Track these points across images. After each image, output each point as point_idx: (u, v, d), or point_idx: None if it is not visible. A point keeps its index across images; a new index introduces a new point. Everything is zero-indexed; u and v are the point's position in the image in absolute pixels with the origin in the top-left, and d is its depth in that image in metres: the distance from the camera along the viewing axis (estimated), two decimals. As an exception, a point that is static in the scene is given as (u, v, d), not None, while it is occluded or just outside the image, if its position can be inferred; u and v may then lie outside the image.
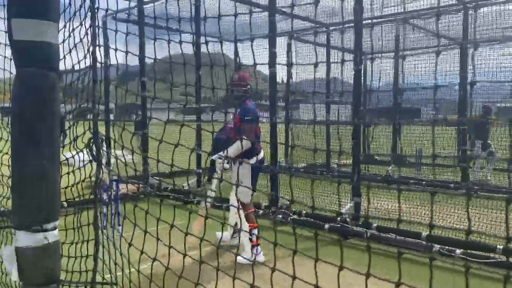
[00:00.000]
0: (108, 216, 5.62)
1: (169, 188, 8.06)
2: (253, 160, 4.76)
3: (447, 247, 4.62)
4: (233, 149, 4.64)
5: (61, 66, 1.38)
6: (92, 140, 1.81)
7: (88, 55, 1.58)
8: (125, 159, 2.01)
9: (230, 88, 4.78)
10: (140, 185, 7.93)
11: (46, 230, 1.34)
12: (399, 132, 10.96)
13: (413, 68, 10.60)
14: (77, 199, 2.08)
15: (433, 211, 6.20)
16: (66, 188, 1.87)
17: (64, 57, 1.65)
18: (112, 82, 8.88)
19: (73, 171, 1.81)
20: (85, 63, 1.64)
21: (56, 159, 1.39)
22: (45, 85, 1.34)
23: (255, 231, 4.68)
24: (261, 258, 4.64)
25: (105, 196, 5.56)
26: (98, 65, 1.57)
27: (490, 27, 9.50)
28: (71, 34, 1.69)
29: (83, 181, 1.78)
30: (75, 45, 1.66)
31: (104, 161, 1.74)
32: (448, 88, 11.18)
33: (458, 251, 4.49)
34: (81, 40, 1.61)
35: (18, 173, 1.35)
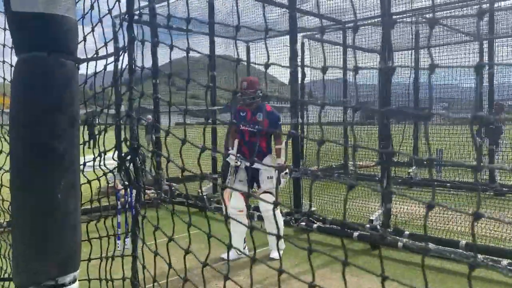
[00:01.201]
0: (122, 225, 5.33)
1: (183, 195, 7.74)
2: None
3: (490, 257, 4.25)
4: (284, 156, 4.84)
5: (80, 51, 1.02)
6: (129, 157, 1.31)
7: (121, 31, 1.17)
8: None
9: (240, 96, 4.84)
10: (154, 191, 7.63)
11: (62, 286, 0.93)
12: (418, 132, 10.58)
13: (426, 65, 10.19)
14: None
15: (466, 216, 5.83)
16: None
17: (84, 38, 1.26)
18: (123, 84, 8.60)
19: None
20: (114, 45, 1.24)
21: (77, 183, 1.01)
22: (59, 77, 0.94)
23: None
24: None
25: (119, 204, 5.28)
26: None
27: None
28: (94, 5, 1.21)
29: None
30: (100, 20, 1.21)
31: (146, 188, 1.34)
32: (460, 87, 10.81)
33: (504, 262, 4.11)
34: (109, 11, 1.17)
35: (20, 206, 0.94)
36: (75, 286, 1.01)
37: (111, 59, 1.20)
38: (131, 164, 1.27)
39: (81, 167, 1.14)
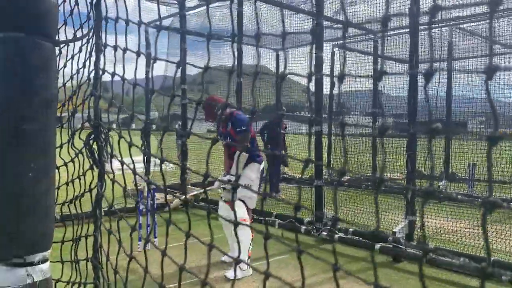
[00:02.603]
0: (144, 227, 5.39)
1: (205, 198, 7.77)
2: (262, 164, 4.70)
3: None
4: (237, 168, 4.50)
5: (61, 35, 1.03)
6: (92, 136, 1.30)
7: (91, 12, 1.19)
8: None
9: (207, 119, 4.77)
10: (178, 195, 7.71)
11: (30, 264, 0.95)
12: (449, 146, 10.28)
13: (463, 78, 9.96)
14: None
15: (495, 232, 5.60)
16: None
17: (65, 22, 1.30)
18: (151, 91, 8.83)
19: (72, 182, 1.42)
20: (88, 25, 1.26)
21: (50, 167, 1.02)
22: (35, 58, 0.95)
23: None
24: (250, 271, 4.43)
25: (141, 206, 5.35)
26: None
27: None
28: (73, -11, 1.19)
29: (82, 195, 1.40)
30: (76, 2, 1.20)
31: (108, 166, 1.34)
32: (498, 102, 10.46)
33: (533, 281, 3.90)
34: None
35: None
36: (44, 267, 1.02)
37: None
38: (95, 143, 1.27)
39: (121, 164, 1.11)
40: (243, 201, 4.45)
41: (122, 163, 1.19)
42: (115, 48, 1.13)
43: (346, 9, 8.66)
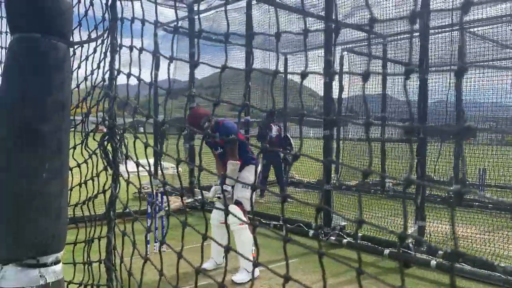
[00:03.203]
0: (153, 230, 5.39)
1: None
2: (258, 167, 4.64)
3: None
4: (229, 175, 4.38)
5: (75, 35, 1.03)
6: (107, 137, 1.29)
7: (107, 13, 1.19)
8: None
9: (194, 132, 4.56)
10: (186, 198, 7.71)
11: (43, 265, 0.94)
12: (460, 151, 10.17)
13: (473, 83, 9.86)
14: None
15: (506, 238, 5.53)
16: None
17: (79, 23, 1.30)
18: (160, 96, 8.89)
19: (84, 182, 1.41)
20: (103, 26, 1.26)
21: (64, 168, 1.01)
22: (50, 59, 0.93)
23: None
24: (257, 272, 4.39)
25: (150, 209, 5.36)
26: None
27: None
28: (88, -9, 1.21)
29: (96, 196, 1.40)
30: (91, 3, 1.20)
31: (122, 167, 1.32)
32: (508, 106, 10.35)
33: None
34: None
35: (4, 186, 0.94)
36: (58, 267, 1.00)
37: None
38: (109, 145, 1.26)
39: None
40: (239, 203, 4.40)
41: (138, 164, 1.19)
42: (130, 48, 1.12)
43: (368, 7, 8.64)
